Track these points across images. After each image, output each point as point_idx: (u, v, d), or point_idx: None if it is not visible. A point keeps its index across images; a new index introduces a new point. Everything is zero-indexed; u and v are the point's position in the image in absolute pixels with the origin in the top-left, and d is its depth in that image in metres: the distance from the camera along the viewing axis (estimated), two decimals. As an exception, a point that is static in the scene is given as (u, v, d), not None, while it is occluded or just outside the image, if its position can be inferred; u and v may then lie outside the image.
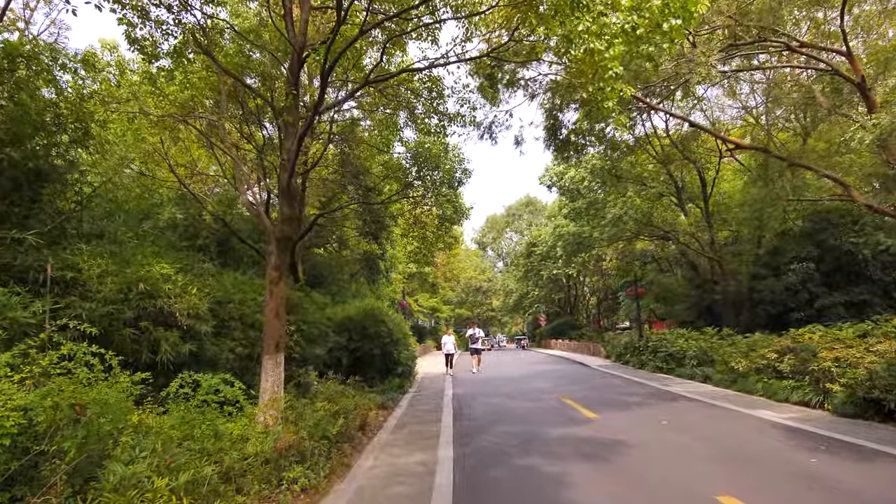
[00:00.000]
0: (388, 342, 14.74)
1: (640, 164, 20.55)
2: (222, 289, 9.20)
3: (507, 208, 56.62)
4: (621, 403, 10.38)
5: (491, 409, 10.41)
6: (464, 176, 14.00)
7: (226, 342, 8.19)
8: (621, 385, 13.49)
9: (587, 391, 12.52)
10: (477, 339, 18.99)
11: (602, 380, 14.98)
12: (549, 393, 12.53)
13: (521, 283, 46.75)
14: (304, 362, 10.99)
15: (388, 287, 28.80)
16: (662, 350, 16.21)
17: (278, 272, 7.14)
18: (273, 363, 6.88)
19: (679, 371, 14.84)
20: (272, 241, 7.30)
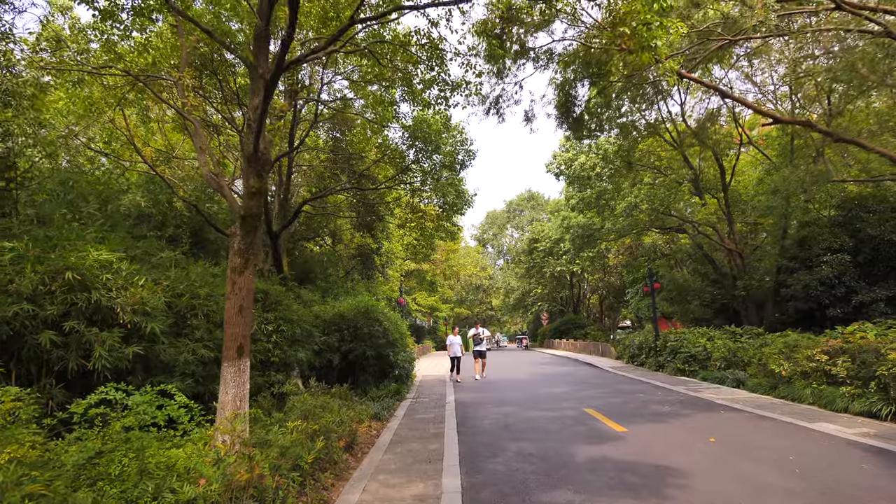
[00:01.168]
0: (383, 343, 13.40)
1: (653, 152, 19.21)
2: (186, 281, 7.84)
3: (508, 203, 55.22)
4: (651, 414, 9.03)
5: (502, 421, 9.05)
6: (467, 158, 12.66)
7: (186, 343, 6.84)
8: (644, 390, 12.15)
9: (608, 398, 11.17)
10: (481, 340, 16.16)
11: (620, 384, 13.63)
12: (565, 400, 11.18)
13: (522, 280, 45.39)
14: (286, 367, 9.66)
15: (385, 285, 27.45)
16: (684, 351, 14.88)
17: (243, 259, 5.76)
18: (234, 371, 5.51)
19: (704, 374, 13.52)
20: (236, 220, 5.92)
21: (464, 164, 12.80)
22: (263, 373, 8.88)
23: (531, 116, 12.41)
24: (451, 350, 16.11)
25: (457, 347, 15.95)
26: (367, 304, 13.67)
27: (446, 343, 16.03)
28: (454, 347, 16.01)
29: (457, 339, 16.11)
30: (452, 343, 16.13)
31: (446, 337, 52.75)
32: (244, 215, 5.82)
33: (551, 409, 10.12)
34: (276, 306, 9.64)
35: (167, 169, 13.70)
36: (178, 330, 7.13)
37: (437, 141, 11.89)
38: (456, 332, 16.19)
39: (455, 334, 16.27)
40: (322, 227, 19.04)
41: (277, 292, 9.76)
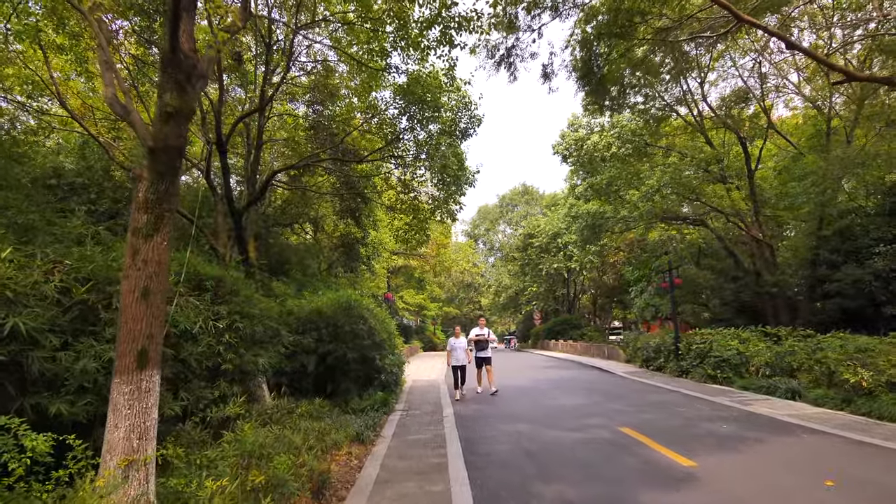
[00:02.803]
0: (368, 344, 11.44)
1: (672, 134, 17.50)
2: (105, 262, 5.77)
3: (501, 197, 53.28)
4: (710, 437, 7.18)
5: (520, 446, 7.12)
6: (471, 125, 10.70)
7: (90, 346, 4.80)
8: (679, 402, 10.31)
9: (641, 412, 9.31)
10: (486, 345, 12.90)
11: (647, 394, 11.79)
12: (589, 415, 9.29)
13: (516, 278, 43.54)
14: (245, 376, 7.63)
15: (372, 281, 25.37)
16: (714, 354, 13.09)
17: (152, 215, 3.75)
18: (131, 391, 3.50)
19: (743, 382, 11.76)
20: (144, 155, 3.89)
21: (466, 133, 10.86)
22: (212, 384, 6.86)
23: (550, 72, 10.50)
24: (454, 357, 12.57)
25: (461, 353, 12.55)
26: (350, 299, 11.69)
27: (447, 348, 12.65)
28: (457, 353, 12.56)
29: (460, 341, 12.71)
30: (455, 348, 12.60)
31: (435, 337, 50.75)
32: (154, 147, 3.78)
33: (577, 427, 8.21)
34: (231, 297, 7.58)
35: (118, 139, 11.54)
36: (81, 327, 5.08)
37: (436, 101, 9.92)
38: (459, 334, 12.97)
39: (458, 335, 12.93)
40: (301, 213, 16.94)
41: (233, 280, 7.70)
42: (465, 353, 12.60)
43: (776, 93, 18.22)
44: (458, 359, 12.53)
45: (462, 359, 12.50)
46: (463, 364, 12.48)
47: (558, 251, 36.71)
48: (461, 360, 12.51)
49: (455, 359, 12.54)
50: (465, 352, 12.59)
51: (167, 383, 6.14)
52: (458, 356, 12.55)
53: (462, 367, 12.48)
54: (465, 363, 12.56)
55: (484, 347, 12.94)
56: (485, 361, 12.98)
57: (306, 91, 14.73)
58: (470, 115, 10.66)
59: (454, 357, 12.57)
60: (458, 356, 12.55)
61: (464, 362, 12.50)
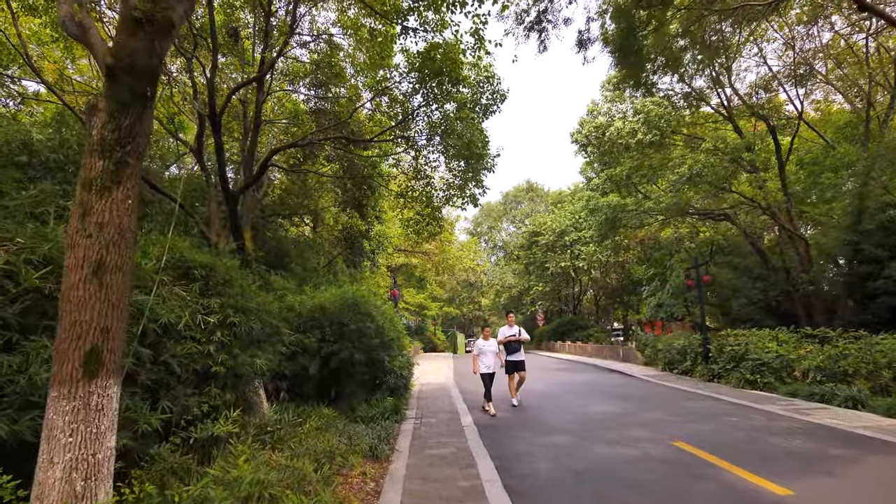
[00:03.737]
0: (376, 344, 10.44)
1: (696, 124, 16.52)
2: (53, 241, 4.70)
3: (505, 195, 52.17)
4: (788, 454, 6.15)
5: (564, 465, 6.08)
6: (494, 101, 9.65)
7: (41, 346, 3.73)
8: (727, 410, 9.28)
9: (688, 422, 8.27)
10: (518, 346, 10.69)
11: (683, 401, 10.75)
12: (630, 425, 8.25)
13: (520, 277, 42.47)
14: (239, 381, 6.57)
15: (372, 279, 24.30)
16: (752, 358, 12.07)
17: (111, 162, 2.67)
18: (73, 410, 2.44)
19: (788, 388, 10.76)
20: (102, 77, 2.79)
21: (488, 110, 9.81)
22: (201, 391, 5.82)
23: (587, 40, 9.46)
24: (482, 362, 10.32)
25: (491, 358, 10.34)
26: (356, 295, 10.66)
27: (473, 351, 10.54)
28: (486, 358, 10.32)
29: (490, 345, 10.48)
30: (484, 352, 10.39)
31: (436, 337, 49.75)
32: (115, 65, 2.71)
33: (622, 440, 7.17)
34: (225, 289, 6.51)
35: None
36: (33, 322, 4.02)
37: (456, 73, 8.84)
38: (488, 335, 10.69)
39: (487, 336, 10.66)
40: (300, 203, 15.85)
41: (227, 269, 6.62)
42: (497, 358, 10.47)
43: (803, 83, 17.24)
44: (487, 365, 10.30)
45: (492, 365, 10.33)
46: (493, 371, 10.33)
47: (565, 249, 35.68)
48: (491, 367, 10.31)
49: (484, 365, 10.32)
50: (495, 356, 10.45)
51: (145, 392, 5.10)
52: (488, 361, 10.33)
53: (492, 374, 10.33)
54: (494, 370, 10.37)
55: (516, 349, 10.71)
56: (517, 367, 10.73)
57: (308, 72, 13.69)
58: (493, 90, 9.61)
59: (482, 363, 10.33)
60: (488, 361, 10.33)
61: (494, 369, 10.34)
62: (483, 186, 10.50)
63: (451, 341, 48.24)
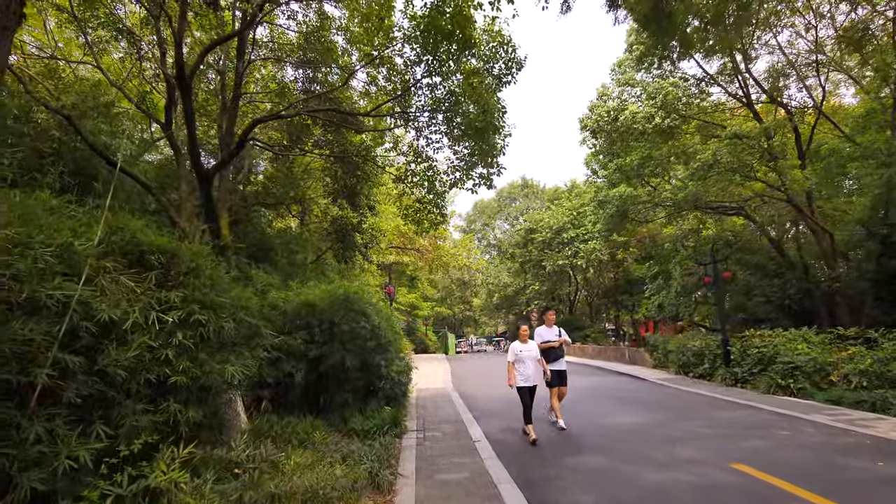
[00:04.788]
0: (372, 346, 9.29)
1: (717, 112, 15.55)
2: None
3: (499, 191, 51.07)
4: (884, 481, 5.08)
5: (612, 495, 5.01)
6: (509, 69, 8.50)
7: None
8: (773, 422, 8.24)
9: (739, 438, 7.21)
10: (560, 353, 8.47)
11: (714, 410, 9.69)
12: (670, 441, 7.18)
13: (516, 276, 41.41)
14: (206, 394, 5.38)
15: (364, 274, 23.04)
16: (784, 360, 11.07)
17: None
18: None
19: (827, 395, 9.78)
20: None
21: (502, 80, 8.67)
22: (155, 406, 4.65)
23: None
24: (520, 372, 7.72)
25: (531, 367, 7.75)
26: (348, 291, 9.48)
27: (508, 358, 7.91)
28: (525, 367, 7.73)
29: (530, 348, 7.89)
30: (522, 359, 7.77)
31: (427, 338, 48.66)
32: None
33: (670, 462, 6.07)
34: (190, 280, 5.28)
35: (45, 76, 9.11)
36: None
37: (466, 36, 7.67)
38: (526, 337, 8.03)
39: (524, 337, 8.01)
40: (286, 193, 14.58)
41: (193, 256, 5.40)
42: (538, 367, 7.87)
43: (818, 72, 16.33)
44: (526, 376, 7.68)
45: (532, 375, 7.73)
46: (535, 384, 7.77)
47: (563, 247, 34.70)
48: (531, 378, 7.70)
49: (522, 376, 7.68)
50: (537, 364, 7.85)
51: (73, 411, 3.92)
52: (527, 371, 7.71)
53: (533, 388, 7.75)
54: (537, 382, 7.81)
55: (559, 356, 8.42)
56: (561, 378, 8.41)
57: (296, 48, 12.46)
58: (507, 58, 8.47)
59: (520, 373, 7.70)
60: (527, 371, 7.71)
61: (535, 380, 7.76)
62: (498, 166, 9.34)
63: (443, 342, 47.18)
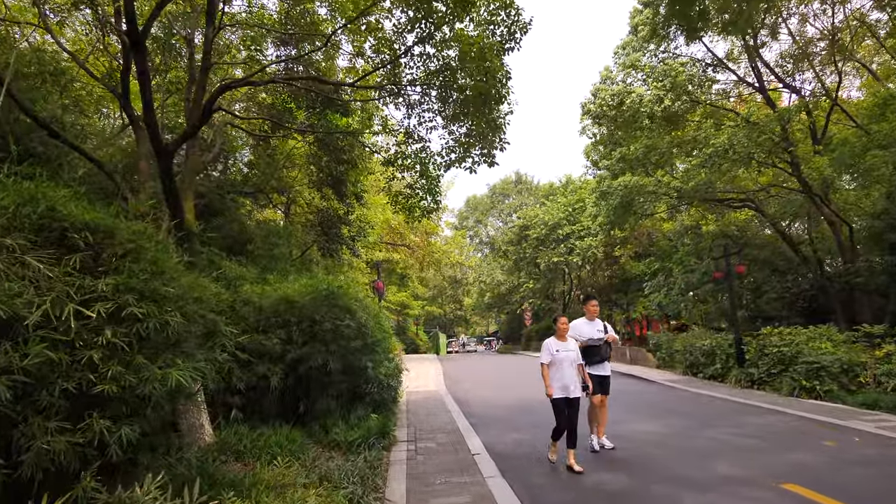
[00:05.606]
0: (357, 347, 8.35)
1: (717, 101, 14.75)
2: None
3: (492, 187, 50.13)
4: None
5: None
6: (512, 35, 7.57)
7: None
8: (812, 430, 7.41)
9: (780, 451, 6.35)
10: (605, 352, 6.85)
11: (744, 415, 8.82)
12: (700, 455, 6.30)
13: (510, 274, 40.54)
14: (142, 404, 4.37)
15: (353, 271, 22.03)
16: (808, 361, 10.25)
17: None
18: None
19: (858, 398, 9.00)
20: None
21: (504, 46, 7.72)
22: (73, 424, 3.67)
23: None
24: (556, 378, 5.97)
25: (569, 372, 5.97)
26: (331, 286, 8.51)
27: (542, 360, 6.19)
28: (564, 371, 5.97)
29: (569, 349, 6.12)
30: (559, 360, 6.00)
31: (417, 338, 47.81)
32: None
33: (709, 482, 5.18)
34: (127, 264, 4.27)
35: None
36: None
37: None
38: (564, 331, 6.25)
39: (563, 336, 6.20)
40: (266, 180, 13.55)
41: (131, 235, 4.39)
42: (579, 373, 6.11)
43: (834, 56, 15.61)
44: (564, 383, 5.88)
45: (572, 382, 5.89)
46: (576, 395, 5.94)
47: (558, 243, 33.88)
48: (570, 386, 5.89)
49: (559, 383, 5.90)
50: (577, 370, 6.08)
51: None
52: (566, 377, 5.90)
53: (574, 401, 5.92)
54: (578, 393, 5.96)
55: (603, 357, 6.74)
56: (603, 386, 6.72)
57: (276, 23, 11.46)
58: (510, 22, 7.53)
59: (556, 379, 5.92)
60: (566, 377, 5.90)
61: (576, 391, 5.92)
62: (501, 140, 8.39)
63: (434, 342, 46.34)
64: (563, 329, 6.23)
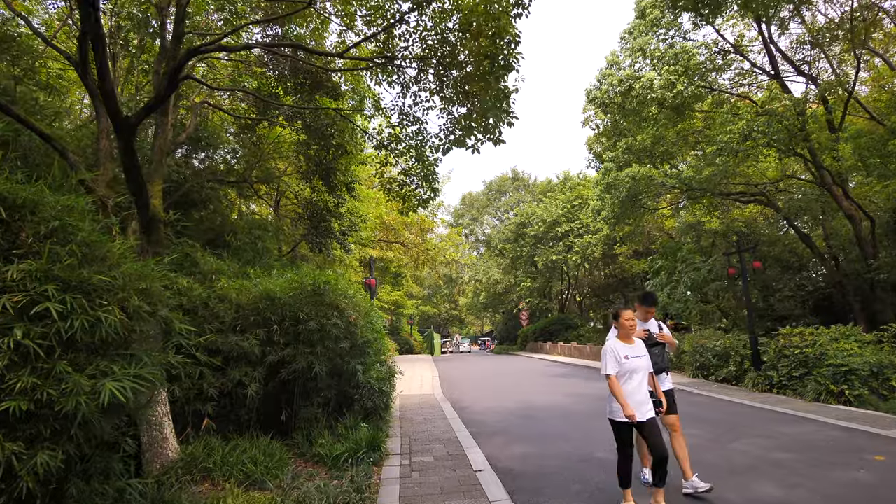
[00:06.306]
0: (345, 348, 7.59)
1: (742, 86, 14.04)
2: None
3: (488, 184, 49.34)
4: None
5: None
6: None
7: None
8: (857, 444, 6.65)
9: (820, 468, 5.61)
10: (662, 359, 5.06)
11: (773, 424, 8.06)
12: (738, 469, 5.53)
13: (506, 273, 39.76)
14: (66, 423, 3.52)
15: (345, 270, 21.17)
16: (835, 363, 9.53)
17: None
18: None
19: (892, 405, 8.26)
20: None
21: (509, 9, 6.92)
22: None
23: None
24: (631, 393, 4.35)
25: (641, 387, 4.42)
26: (318, 280, 7.70)
27: (606, 367, 4.42)
28: (635, 385, 4.40)
29: (640, 353, 4.54)
30: (631, 369, 4.42)
31: (412, 338, 47.17)
32: None
33: None
34: (48, 247, 3.43)
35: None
36: None
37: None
38: (632, 332, 4.58)
39: (630, 337, 4.58)
40: (250, 168, 12.69)
41: (57, 209, 3.56)
42: (650, 383, 4.59)
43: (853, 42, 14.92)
44: (637, 400, 4.35)
45: (646, 400, 4.41)
46: (649, 414, 4.37)
47: (556, 241, 33.15)
48: (647, 407, 4.39)
49: (634, 399, 4.33)
50: (648, 379, 4.57)
51: None
52: (637, 393, 4.39)
53: (650, 424, 4.33)
54: (652, 413, 4.41)
55: (662, 368, 5.04)
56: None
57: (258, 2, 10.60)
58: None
59: (631, 394, 4.35)
60: (637, 393, 4.39)
61: (650, 413, 4.38)
62: (508, 114, 7.59)
63: (428, 342, 45.58)
64: (629, 327, 4.48)
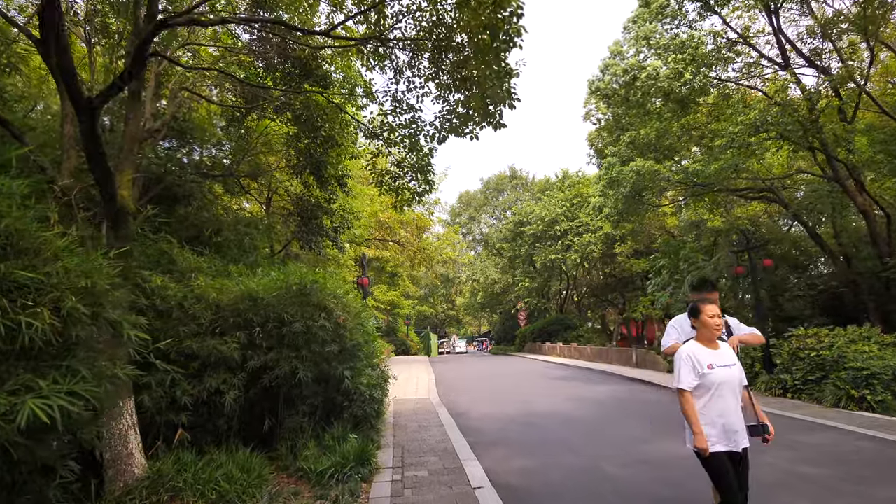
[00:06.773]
0: (333, 352, 7.03)
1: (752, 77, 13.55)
2: None
3: (486, 183, 48.79)
4: None
5: None
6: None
7: None
8: (885, 451, 6.10)
9: (854, 482, 5.08)
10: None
11: (788, 431, 7.50)
12: (765, 485, 4.94)
13: (504, 272, 39.23)
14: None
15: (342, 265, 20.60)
16: (854, 366, 9.02)
17: None
18: None
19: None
20: None
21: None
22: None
23: None
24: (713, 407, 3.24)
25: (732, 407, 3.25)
26: (305, 280, 7.12)
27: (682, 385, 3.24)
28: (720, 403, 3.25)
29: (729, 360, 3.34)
30: (712, 382, 3.23)
31: (408, 339, 46.62)
32: None
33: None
34: None
35: None
36: None
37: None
38: (717, 333, 3.38)
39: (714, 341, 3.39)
40: (236, 160, 12.12)
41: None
42: (745, 402, 3.47)
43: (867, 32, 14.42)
44: (727, 423, 3.22)
45: (740, 423, 3.28)
46: (745, 445, 3.27)
47: (555, 240, 32.65)
48: (741, 433, 3.26)
49: (718, 422, 3.23)
50: (744, 396, 3.44)
51: None
52: (728, 411, 3.24)
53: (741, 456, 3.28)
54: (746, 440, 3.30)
55: None
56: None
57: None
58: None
59: (715, 417, 3.23)
60: (728, 411, 3.24)
61: (744, 442, 3.27)
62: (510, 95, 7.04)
63: (425, 342, 45.07)
64: (714, 326, 3.35)
